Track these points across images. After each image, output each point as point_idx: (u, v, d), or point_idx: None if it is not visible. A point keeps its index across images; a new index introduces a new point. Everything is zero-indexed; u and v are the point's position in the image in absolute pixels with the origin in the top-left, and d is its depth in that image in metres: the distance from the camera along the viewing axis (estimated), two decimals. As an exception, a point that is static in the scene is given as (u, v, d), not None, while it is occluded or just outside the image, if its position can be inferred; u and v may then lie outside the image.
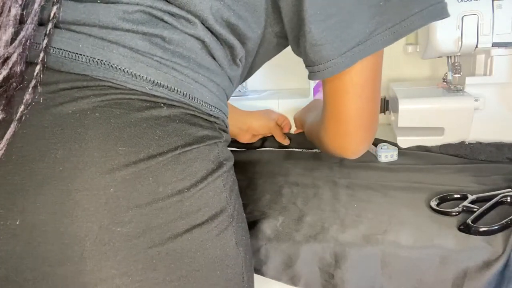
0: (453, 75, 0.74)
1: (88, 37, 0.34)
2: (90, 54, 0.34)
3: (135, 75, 0.35)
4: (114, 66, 0.34)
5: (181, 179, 0.35)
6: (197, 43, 0.38)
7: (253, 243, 0.49)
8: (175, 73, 0.37)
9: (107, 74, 0.34)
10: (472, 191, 0.54)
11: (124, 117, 0.34)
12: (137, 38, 0.35)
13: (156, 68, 0.36)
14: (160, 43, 0.36)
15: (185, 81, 0.37)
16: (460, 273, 0.43)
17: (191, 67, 0.38)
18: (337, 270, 0.46)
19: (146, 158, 0.34)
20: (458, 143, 0.71)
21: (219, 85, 0.41)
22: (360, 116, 0.45)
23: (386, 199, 0.56)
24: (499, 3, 0.64)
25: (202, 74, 0.39)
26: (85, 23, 0.35)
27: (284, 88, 1.02)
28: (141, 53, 0.35)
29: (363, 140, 0.47)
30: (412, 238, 0.46)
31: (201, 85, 0.39)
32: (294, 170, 0.69)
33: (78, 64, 0.34)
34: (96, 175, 0.32)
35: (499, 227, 0.45)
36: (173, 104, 0.37)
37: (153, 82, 0.36)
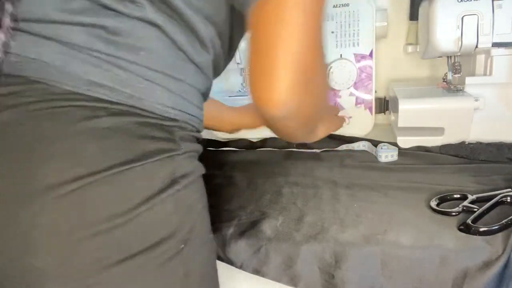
0: (453, 75, 0.74)
1: (23, 34, 0.31)
2: (23, 53, 0.31)
3: (69, 73, 0.31)
4: (47, 64, 0.31)
5: (113, 204, 0.30)
6: (150, 30, 0.33)
7: (253, 243, 0.49)
8: (119, 70, 0.32)
9: (42, 74, 0.31)
10: (472, 191, 0.54)
11: (55, 131, 0.30)
12: (74, 31, 0.31)
13: (94, 65, 0.31)
14: (102, 35, 0.32)
15: (131, 79, 0.33)
16: (460, 273, 0.43)
17: (141, 61, 0.33)
18: (337, 270, 0.46)
19: (72, 180, 0.29)
20: (458, 143, 0.71)
21: (183, 81, 0.37)
22: (300, 40, 0.32)
23: (386, 199, 0.56)
24: (499, 3, 0.64)
25: (155, 69, 0.34)
26: (24, 19, 0.31)
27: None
28: (77, 49, 0.31)
29: (296, 83, 0.33)
30: (412, 238, 0.46)
31: (154, 83, 0.34)
32: (294, 170, 0.69)
33: (13, 64, 0.30)
34: (18, 200, 0.28)
35: (499, 227, 0.45)
36: (117, 109, 0.32)
37: (90, 82, 0.31)
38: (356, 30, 0.82)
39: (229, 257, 0.49)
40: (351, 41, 0.83)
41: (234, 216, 0.55)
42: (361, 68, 0.84)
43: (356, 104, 0.86)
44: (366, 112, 0.86)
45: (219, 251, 0.50)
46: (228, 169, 0.73)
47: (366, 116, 0.86)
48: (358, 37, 0.82)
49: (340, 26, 0.82)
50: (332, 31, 0.83)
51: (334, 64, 0.82)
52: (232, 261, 0.49)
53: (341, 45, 0.83)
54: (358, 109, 0.86)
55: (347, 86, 0.83)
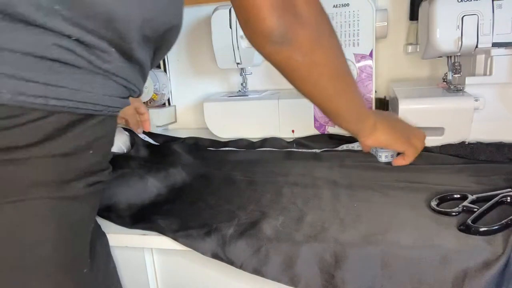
0: (453, 75, 0.74)
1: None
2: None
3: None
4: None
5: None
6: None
7: (253, 243, 0.49)
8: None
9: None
10: (472, 191, 0.54)
11: None
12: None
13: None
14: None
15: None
16: (460, 273, 0.43)
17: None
18: (337, 271, 0.46)
19: None
20: (458, 143, 0.71)
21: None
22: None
23: (386, 199, 0.56)
24: (499, 3, 0.64)
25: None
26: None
27: (284, 88, 1.02)
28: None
29: (276, 9, 0.38)
30: (412, 238, 0.46)
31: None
32: (294, 170, 0.69)
33: None
34: None
35: (499, 227, 0.45)
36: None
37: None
38: (356, 30, 0.82)
39: (229, 257, 0.49)
40: (351, 41, 0.83)
41: (234, 216, 0.55)
42: (361, 68, 0.84)
43: (356, 104, 0.86)
44: (366, 112, 0.86)
45: (219, 251, 0.50)
46: (228, 169, 0.73)
47: (366, 116, 0.86)
48: (358, 37, 0.82)
49: (340, 26, 0.82)
50: (332, 31, 0.83)
51: (334, 64, 0.81)
52: (232, 261, 0.49)
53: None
54: (358, 109, 0.86)
55: (347, 86, 0.83)
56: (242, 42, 0.89)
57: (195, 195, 0.63)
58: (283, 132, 0.89)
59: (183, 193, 0.65)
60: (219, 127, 0.94)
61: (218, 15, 0.89)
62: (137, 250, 0.58)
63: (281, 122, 0.89)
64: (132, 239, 0.55)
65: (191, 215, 0.57)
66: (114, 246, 0.53)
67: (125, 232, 0.55)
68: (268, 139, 0.86)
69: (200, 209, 0.58)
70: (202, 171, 0.72)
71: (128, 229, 0.55)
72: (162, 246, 0.54)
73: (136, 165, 0.69)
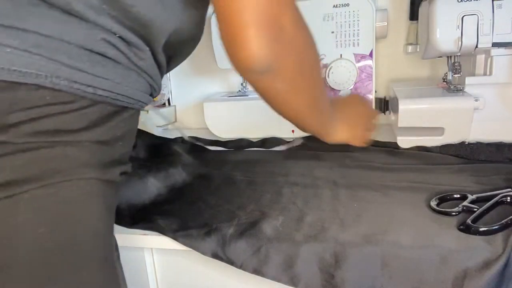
0: (453, 75, 0.74)
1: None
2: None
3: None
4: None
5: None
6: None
7: (253, 243, 0.49)
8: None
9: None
10: (472, 191, 0.54)
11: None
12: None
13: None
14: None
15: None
16: (460, 273, 0.43)
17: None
18: (337, 270, 0.46)
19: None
20: (458, 143, 0.71)
21: (31, 31, 0.32)
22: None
23: (386, 199, 0.56)
24: (499, 3, 0.64)
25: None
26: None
27: (284, 88, 1.02)
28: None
29: (263, 33, 0.35)
30: (412, 238, 0.46)
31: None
32: (294, 170, 0.70)
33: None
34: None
35: (499, 227, 0.45)
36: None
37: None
38: (356, 30, 0.82)
39: (229, 257, 0.49)
40: (351, 41, 0.83)
41: (234, 216, 0.55)
42: (361, 68, 0.84)
43: (356, 104, 0.86)
44: (366, 112, 0.86)
45: (219, 251, 0.50)
46: (228, 169, 0.73)
47: (366, 116, 0.86)
48: (358, 37, 0.82)
49: (340, 26, 0.82)
50: (332, 31, 0.83)
51: (334, 64, 0.82)
52: (232, 261, 0.49)
53: (341, 45, 0.83)
54: (358, 109, 0.86)
55: (347, 86, 0.83)
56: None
57: (195, 195, 0.63)
58: (283, 132, 0.89)
59: (183, 193, 0.65)
60: (219, 127, 0.94)
61: (218, 15, 0.89)
62: (137, 250, 0.58)
63: (281, 122, 0.89)
64: (132, 239, 0.55)
65: (191, 215, 0.57)
66: (114, 246, 0.53)
67: (125, 232, 0.55)
68: (268, 139, 0.86)
69: (200, 209, 0.58)
70: (202, 171, 0.72)
71: (128, 229, 0.55)
72: (162, 246, 0.54)
73: (136, 165, 0.69)
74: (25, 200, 0.33)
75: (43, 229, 0.34)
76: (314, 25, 0.88)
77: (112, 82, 0.37)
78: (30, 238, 0.33)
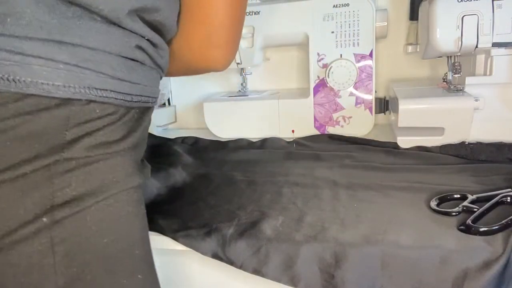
0: (453, 75, 0.74)
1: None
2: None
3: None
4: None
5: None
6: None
7: (253, 243, 0.49)
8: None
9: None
10: (472, 191, 0.54)
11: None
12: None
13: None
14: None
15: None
16: (460, 273, 0.43)
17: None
18: (337, 270, 0.46)
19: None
20: (458, 143, 0.71)
21: (79, 45, 0.31)
22: (232, 16, 0.40)
23: (386, 199, 0.56)
24: (499, 3, 0.64)
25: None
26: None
27: (284, 88, 1.02)
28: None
29: (232, 37, 0.42)
30: (412, 238, 0.46)
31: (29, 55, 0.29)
32: (294, 170, 0.69)
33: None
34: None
35: (499, 227, 0.45)
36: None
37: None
38: (356, 30, 0.82)
39: (229, 257, 0.49)
40: (351, 41, 0.83)
41: (234, 216, 0.55)
42: (361, 68, 0.84)
43: (356, 104, 0.86)
44: (366, 112, 0.86)
45: (219, 251, 0.50)
46: (228, 169, 0.73)
47: (366, 116, 0.86)
48: (358, 37, 0.82)
49: (340, 26, 0.82)
50: (332, 31, 0.83)
51: (334, 64, 0.82)
52: (232, 261, 0.49)
53: (341, 45, 0.83)
54: (358, 109, 0.86)
55: (347, 86, 0.83)
56: (242, 42, 0.89)
57: (195, 195, 0.63)
58: (283, 132, 0.89)
59: (183, 193, 0.65)
60: (219, 127, 0.94)
61: (218, 15, 0.89)
62: (137, 250, 0.58)
63: (281, 122, 0.89)
64: (132, 239, 0.55)
65: (191, 215, 0.57)
66: (114, 246, 0.53)
67: (125, 232, 0.55)
68: (268, 139, 0.86)
69: (200, 209, 0.58)
70: (202, 171, 0.72)
71: (128, 229, 0.55)
72: (162, 246, 0.54)
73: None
74: (91, 213, 0.33)
75: (107, 240, 0.34)
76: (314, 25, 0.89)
77: (142, 86, 0.37)
78: (97, 250, 0.34)
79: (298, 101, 0.89)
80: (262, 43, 0.89)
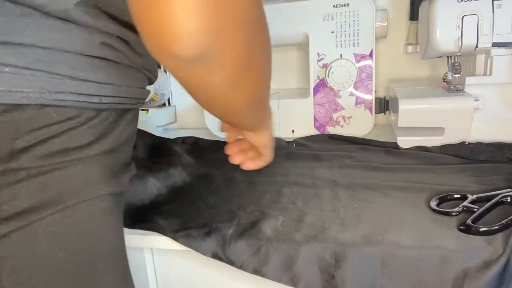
0: (453, 75, 0.74)
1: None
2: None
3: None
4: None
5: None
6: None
7: (253, 243, 0.49)
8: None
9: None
10: (472, 191, 0.54)
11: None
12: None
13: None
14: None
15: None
16: (460, 273, 0.43)
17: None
18: (337, 270, 0.46)
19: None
20: (458, 143, 0.71)
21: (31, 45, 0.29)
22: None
23: (386, 199, 0.56)
24: (499, 3, 0.64)
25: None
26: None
27: (284, 88, 1.02)
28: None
29: (196, 10, 0.24)
30: (412, 238, 0.46)
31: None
32: (294, 170, 0.69)
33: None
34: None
35: (499, 227, 0.45)
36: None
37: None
38: (356, 30, 0.82)
39: (229, 257, 0.49)
40: (351, 41, 0.83)
41: (234, 216, 0.55)
42: (361, 68, 0.84)
43: (356, 104, 0.86)
44: (366, 112, 0.86)
45: (219, 251, 0.50)
46: (228, 169, 0.73)
47: (366, 116, 0.86)
48: (358, 37, 0.82)
49: (340, 26, 0.82)
50: (332, 31, 0.83)
51: (334, 64, 0.82)
52: (232, 261, 0.49)
53: (341, 45, 0.83)
54: (358, 109, 0.86)
55: (347, 86, 0.83)
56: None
57: (195, 195, 0.63)
58: (283, 132, 0.89)
59: (183, 193, 0.65)
60: (219, 127, 0.94)
61: (218, 15, 0.89)
62: (137, 250, 0.58)
63: (281, 122, 0.89)
64: (132, 239, 0.55)
65: (191, 215, 0.57)
66: (114, 246, 0.53)
67: (125, 232, 0.55)
68: (268, 139, 0.86)
69: (200, 209, 0.58)
70: (202, 171, 0.72)
71: (128, 229, 0.55)
72: (162, 246, 0.54)
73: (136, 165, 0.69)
74: (43, 226, 0.31)
75: (62, 254, 0.32)
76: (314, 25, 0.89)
77: (114, 86, 0.35)
78: (50, 265, 0.32)
79: (298, 101, 0.89)
80: (262, 43, 0.89)
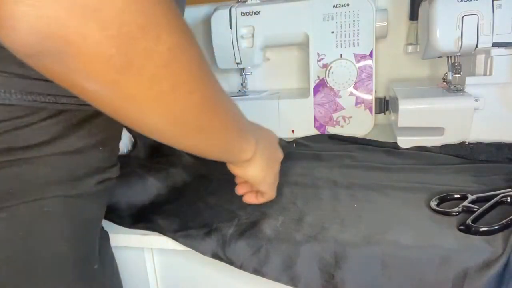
0: (453, 75, 0.74)
1: None
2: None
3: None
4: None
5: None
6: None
7: (253, 243, 0.49)
8: None
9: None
10: (472, 191, 0.54)
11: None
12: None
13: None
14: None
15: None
16: (460, 273, 0.43)
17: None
18: (337, 270, 0.46)
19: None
20: (458, 143, 0.71)
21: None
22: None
23: (386, 199, 0.56)
24: (499, 3, 0.64)
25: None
26: None
27: (284, 88, 1.02)
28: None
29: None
30: (412, 238, 0.46)
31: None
32: (294, 170, 0.69)
33: None
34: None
35: (499, 227, 0.45)
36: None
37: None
38: (356, 30, 0.82)
39: (229, 257, 0.49)
40: (351, 41, 0.83)
41: (234, 216, 0.55)
42: (361, 68, 0.84)
43: (356, 104, 0.86)
44: (366, 112, 0.86)
45: (219, 251, 0.50)
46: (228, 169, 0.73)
47: (366, 116, 0.86)
48: (358, 37, 0.82)
49: (340, 26, 0.82)
50: (332, 31, 0.83)
51: (334, 64, 0.82)
52: (232, 261, 0.49)
53: (341, 45, 0.83)
54: (358, 109, 0.86)
55: (347, 86, 0.83)
56: (242, 42, 0.89)
57: (195, 195, 0.63)
58: (283, 132, 0.89)
59: (183, 193, 0.65)
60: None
61: (218, 15, 0.89)
62: (137, 250, 0.58)
63: (281, 122, 0.89)
64: (132, 239, 0.55)
65: (191, 215, 0.57)
66: (114, 246, 0.53)
67: (125, 232, 0.55)
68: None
69: (200, 209, 0.58)
70: (202, 171, 0.72)
71: (128, 229, 0.55)
72: (162, 246, 0.54)
73: (136, 165, 0.69)
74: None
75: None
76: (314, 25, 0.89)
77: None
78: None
79: (298, 101, 0.89)
80: (262, 43, 0.89)
